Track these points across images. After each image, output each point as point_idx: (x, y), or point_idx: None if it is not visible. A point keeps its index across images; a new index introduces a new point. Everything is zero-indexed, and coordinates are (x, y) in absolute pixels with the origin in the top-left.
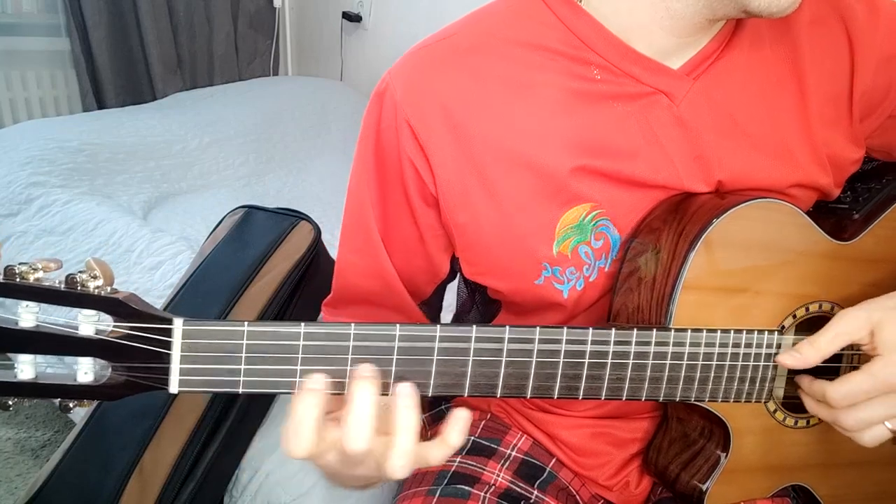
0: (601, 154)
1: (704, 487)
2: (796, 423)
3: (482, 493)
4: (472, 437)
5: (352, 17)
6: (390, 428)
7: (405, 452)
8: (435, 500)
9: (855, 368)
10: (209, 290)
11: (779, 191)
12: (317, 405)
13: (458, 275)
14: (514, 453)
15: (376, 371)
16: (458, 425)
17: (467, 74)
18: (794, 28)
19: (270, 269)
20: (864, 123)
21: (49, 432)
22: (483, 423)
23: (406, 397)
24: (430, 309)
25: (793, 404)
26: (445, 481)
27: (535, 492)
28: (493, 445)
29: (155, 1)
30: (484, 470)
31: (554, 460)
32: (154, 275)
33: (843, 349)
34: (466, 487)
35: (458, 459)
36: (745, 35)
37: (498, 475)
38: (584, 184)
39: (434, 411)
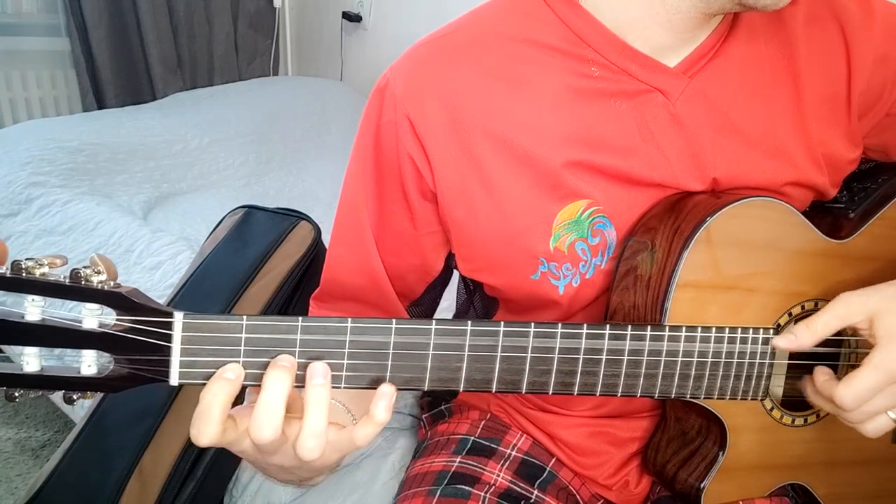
0: (598, 150)
1: (701, 486)
2: (794, 421)
3: (482, 493)
4: (472, 437)
5: (352, 17)
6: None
7: (315, 432)
8: (435, 500)
9: (854, 366)
10: (209, 290)
11: (774, 189)
12: (224, 393)
13: (458, 275)
14: (513, 453)
15: (294, 362)
16: (383, 401)
17: (467, 70)
18: (790, 27)
19: (270, 269)
20: (860, 122)
21: (49, 432)
22: (483, 422)
23: (318, 375)
24: (423, 310)
25: (790, 402)
26: (446, 481)
27: (536, 491)
28: (492, 445)
29: (155, 1)
30: (484, 470)
31: (554, 460)
32: (154, 275)
33: (840, 339)
34: (467, 487)
35: (458, 459)
36: (741, 34)
37: (498, 475)
38: (581, 180)
39: (434, 411)
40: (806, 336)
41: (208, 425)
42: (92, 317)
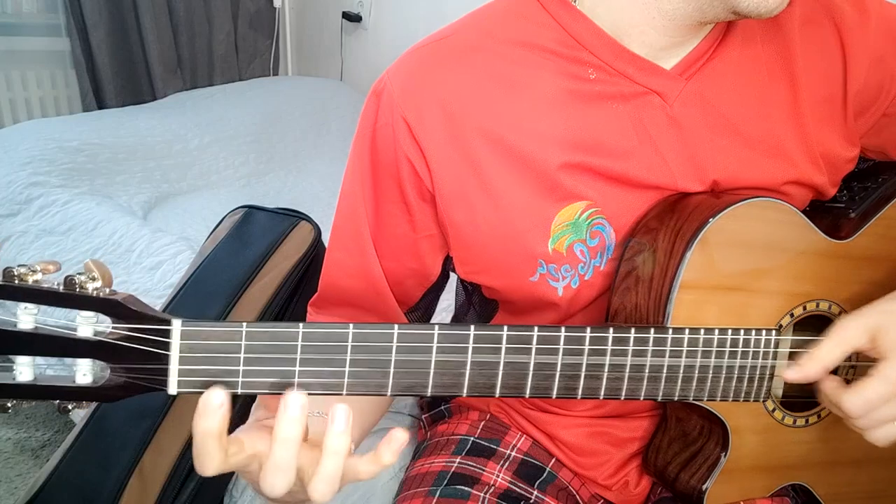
0: (596, 152)
1: (704, 487)
2: (795, 422)
3: (482, 494)
4: (472, 438)
5: (352, 17)
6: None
7: (330, 477)
8: (435, 500)
9: (854, 368)
10: (209, 291)
11: (773, 189)
12: (215, 423)
13: (456, 277)
14: (513, 453)
15: (306, 403)
16: (392, 445)
17: (464, 73)
18: (786, 29)
19: (270, 269)
20: (857, 122)
21: (49, 432)
22: (482, 423)
23: (341, 422)
24: (421, 315)
25: (792, 403)
26: (445, 482)
27: (535, 492)
28: (492, 446)
29: (155, 1)
30: (483, 470)
31: (553, 460)
32: (154, 275)
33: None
34: (466, 488)
35: (457, 460)
36: (738, 35)
37: (497, 475)
38: (579, 181)
39: (433, 412)
40: (811, 366)
41: (209, 457)
42: (87, 325)
